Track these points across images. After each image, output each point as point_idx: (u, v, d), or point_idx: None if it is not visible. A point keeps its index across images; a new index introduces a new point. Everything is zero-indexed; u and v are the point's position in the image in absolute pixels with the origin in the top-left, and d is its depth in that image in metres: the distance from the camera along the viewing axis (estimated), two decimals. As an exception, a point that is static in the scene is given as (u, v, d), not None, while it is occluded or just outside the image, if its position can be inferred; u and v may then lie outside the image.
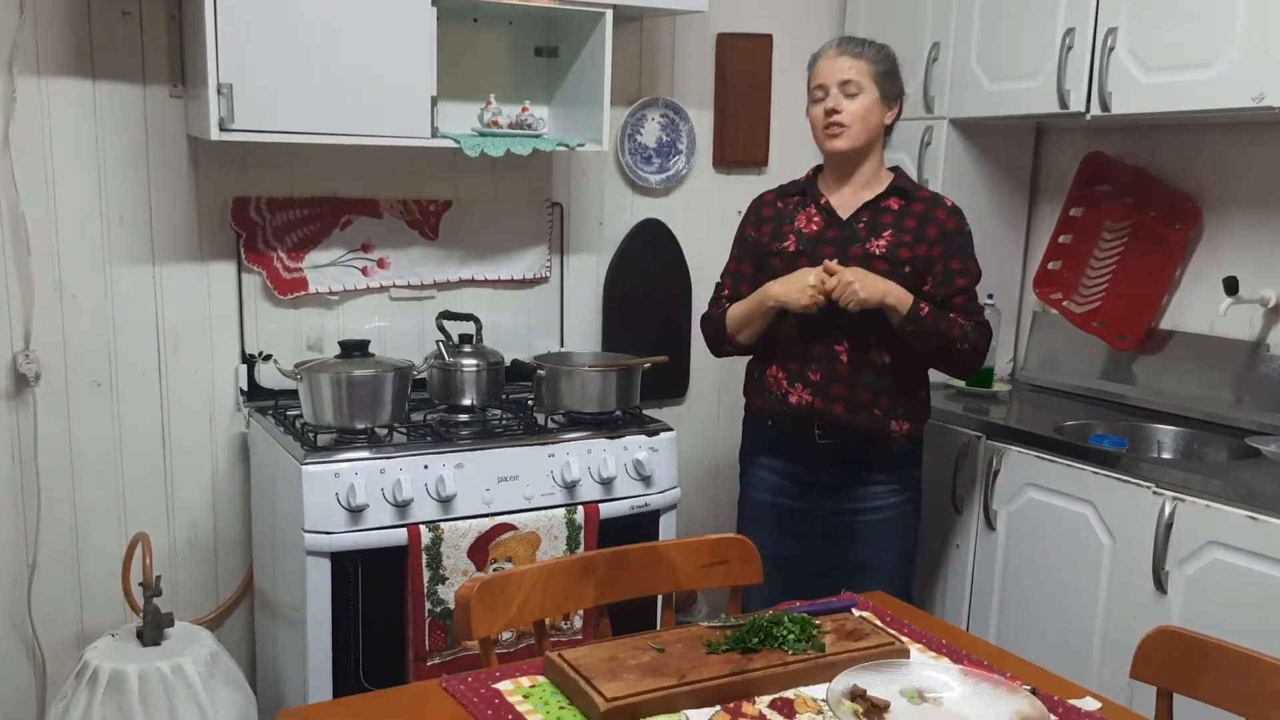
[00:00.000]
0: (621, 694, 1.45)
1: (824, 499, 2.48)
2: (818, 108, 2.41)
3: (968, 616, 2.82)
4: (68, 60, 2.53)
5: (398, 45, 2.51)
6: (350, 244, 2.87)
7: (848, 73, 2.37)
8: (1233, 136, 2.79)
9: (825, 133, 2.40)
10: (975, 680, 1.54)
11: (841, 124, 2.38)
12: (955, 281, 2.38)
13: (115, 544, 2.69)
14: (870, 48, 2.41)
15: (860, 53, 2.40)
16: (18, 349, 2.55)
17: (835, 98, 2.38)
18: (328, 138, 2.50)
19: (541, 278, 3.13)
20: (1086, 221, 3.11)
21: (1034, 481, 2.63)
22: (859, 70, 2.38)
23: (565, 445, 2.60)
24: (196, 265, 2.73)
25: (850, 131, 2.38)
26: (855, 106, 2.38)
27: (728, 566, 1.97)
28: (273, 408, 2.73)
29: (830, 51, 2.42)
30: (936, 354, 2.40)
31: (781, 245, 2.45)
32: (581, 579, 1.84)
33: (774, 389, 2.46)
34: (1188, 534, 2.29)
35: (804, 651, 1.58)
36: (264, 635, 2.81)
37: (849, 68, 2.38)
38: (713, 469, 3.44)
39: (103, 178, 2.60)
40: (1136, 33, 2.54)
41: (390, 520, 2.40)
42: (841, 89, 2.37)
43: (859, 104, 2.38)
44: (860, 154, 2.42)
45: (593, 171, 3.18)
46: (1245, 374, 2.73)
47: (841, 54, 2.40)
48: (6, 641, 2.63)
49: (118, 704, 2.35)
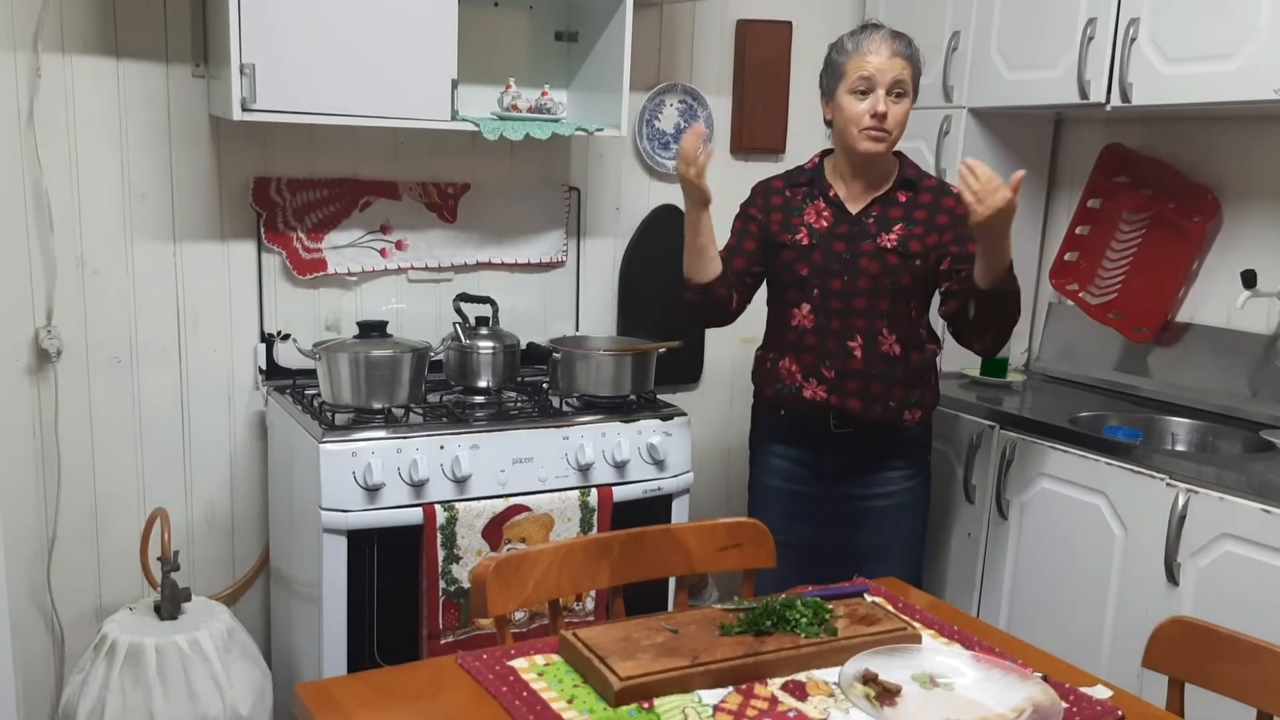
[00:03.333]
0: (635, 673, 1.46)
1: (836, 484, 2.49)
2: (862, 102, 2.30)
3: (978, 605, 2.83)
4: (92, 38, 2.55)
5: (419, 28, 2.52)
6: (369, 225, 2.88)
7: (900, 72, 2.28)
8: (1253, 129, 2.78)
9: (867, 133, 2.30)
10: (987, 666, 1.55)
11: (887, 130, 2.30)
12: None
13: (134, 519, 2.72)
14: (913, 47, 2.33)
15: (910, 54, 2.31)
16: (40, 324, 2.58)
17: (884, 99, 2.28)
18: (348, 119, 2.51)
19: (558, 261, 3.14)
20: (1104, 213, 3.10)
21: (1047, 472, 2.63)
22: (909, 72, 2.30)
23: (580, 428, 2.61)
24: (217, 244, 2.75)
25: (891, 137, 2.32)
26: (900, 111, 2.30)
27: (741, 550, 1.98)
28: (291, 387, 2.75)
29: (880, 44, 2.30)
30: (1004, 317, 2.27)
31: (794, 237, 2.42)
32: (597, 559, 1.86)
33: (787, 382, 2.46)
34: (1200, 526, 2.29)
35: (816, 635, 1.60)
36: (279, 611, 2.84)
37: (900, 68, 2.28)
38: (725, 454, 3.45)
39: (125, 155, 2.62)
40: (1159, 23, 2.53)
41: (406, 499, 2.42)
42: (890, 89, 2.29)
43: (903, 108, 2.31)
44: (887, 156, 2.39)
45: (610, 156, 3.18)
46: (1261, 368, 2.72)
47: (895, 53, 2.29)
48: (26, 614, 2.66)
49: (135, 676, 2.38)
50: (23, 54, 2.48)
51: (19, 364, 2.58)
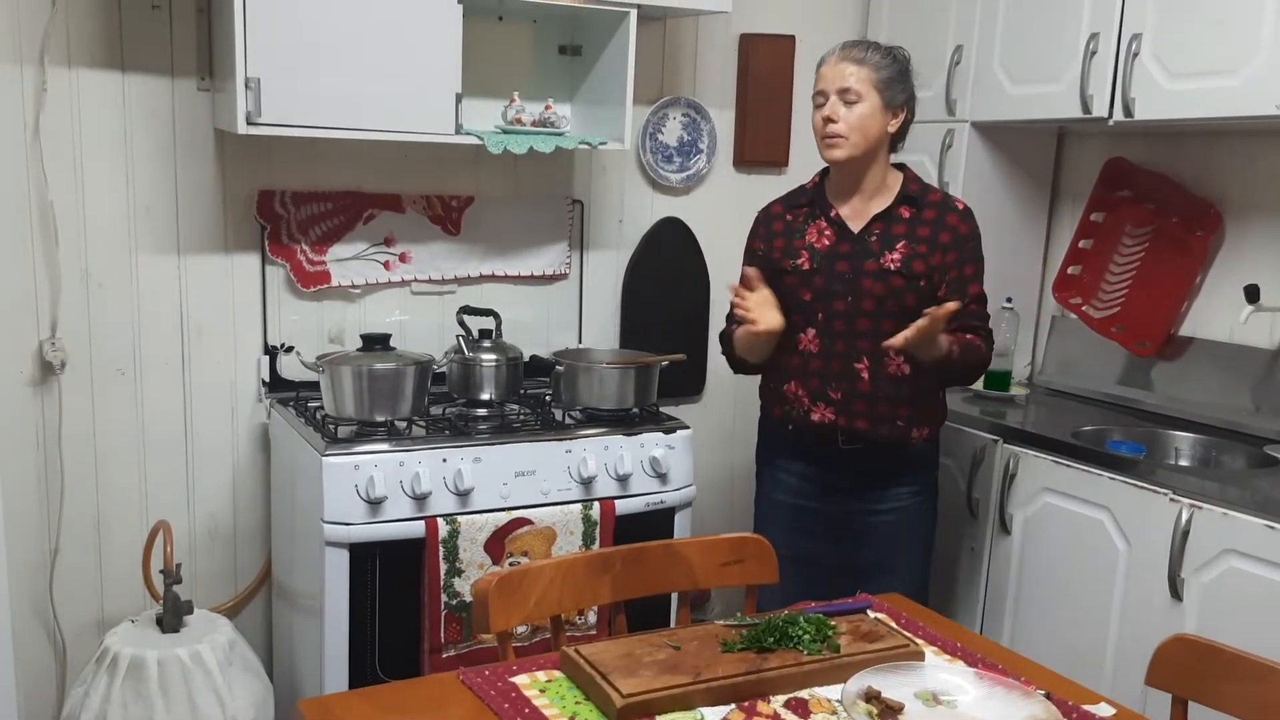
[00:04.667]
0: (637, 690, 1.46)
1: (843, 500, 2.48)
2: (817, 115, 2.36)
3: (982, 620, 2.82)
4: (98, 52, 2.56)
5: (423, 42, 2.53)
6: (373, 238, 2.89)
7: (847, 80, 2.31)
8: (1256, 143, 2.78)
9: (824, 142, 2.36)
10: (990, 684, 1.55)
11: (839, 134, 2.32)
12: (969, 289, 2.37)
13: (137, 531, 2.73)
14: (875, 53, 2.34)
15: (863, 59, 2.33)
16: (44, 337, 2.58)
17: (834, 106, 2.32)
18: (353, 133, 2.52)
19: (561, 274, 3.15)
20: (1107, 226, 3.10)
21: (1050, 486, 2.63)
22: (860, 77, 2.31)
23: (582, 441, 2.61)
24: (221, 256, 2.75)
25: (848, 141, 2.32)
26: (853, 116, 2.31)
27: (744, 565, 1.98)
28: (294, 399, 2.75)
29: (833, 57, 2.36)
30: (957, 381, 2.51)
31: (795, 263, 2.42)
32: (599, 575, 1.85)
33: (795, 405, 2.45)
34: (1204, 542, 2.29)
35: (819, 652, 1.59)
36: (281, 624, 2.83)
37: (850, 74, 2.32)
38: (728, 467, 3.45)
39: (130, 168, 2.63)
40: (1161, 39, 2.54)
41: (408, 513, 2.42)
42: (841, 96, 2.32)
43: (857, 113, 2.31)
44: (862, 163, 2.37)
45: (614, 169, 3.19)
46: (1265, 382, 2.72)
47: (843, 60, 2.33)
48: (28, 626, 2.66)
49: (137, 689, 2.38)
50: (29, 68, 2.49)
51: (23, 376, 2.58)
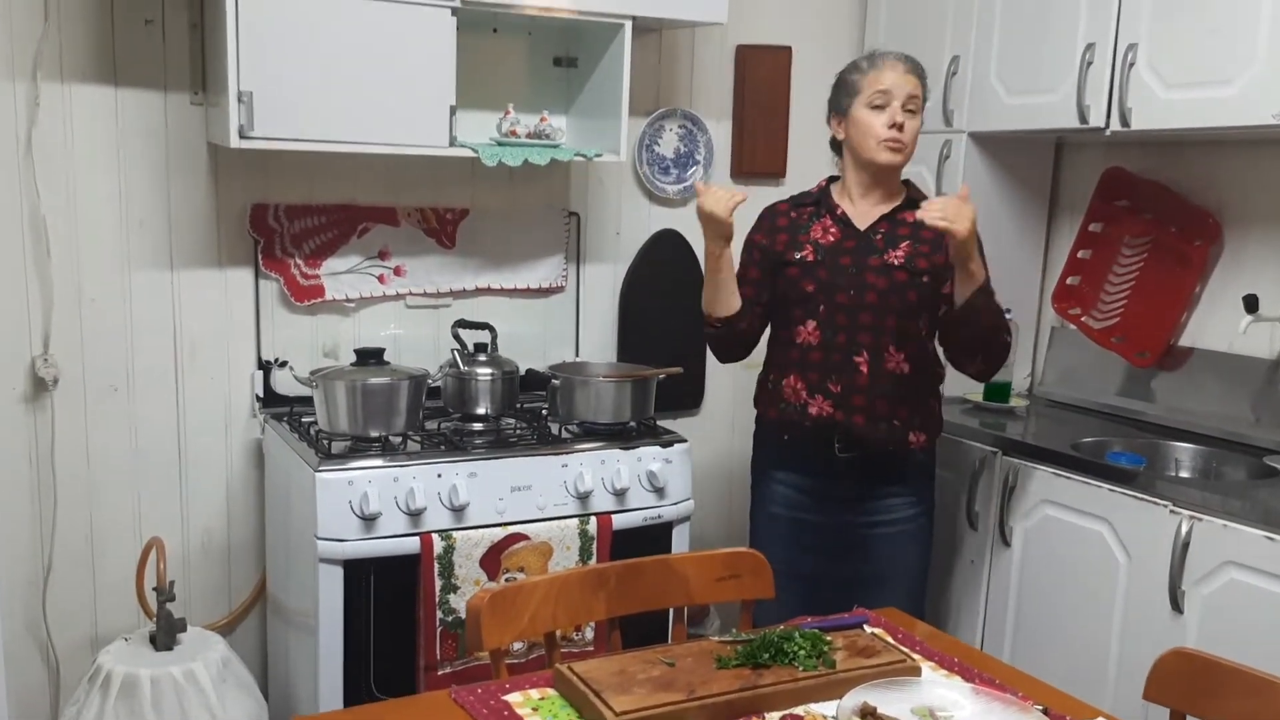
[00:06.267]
0: (631, 708, 1.44)
1: (840, 512, 2.47)
2: (880, 115, 2.36)
3: (982, 633, 2.80)
4: (90, 67, 2.55)
5: (417, 54, 2.52)
6: (367, 251, 2.88)
7: (914, 89, 2.38)
8: (1254, 153, 2.77)
9: (885, 144, 2.37)
10: (987, 699, 1.53)
11: (903, 141, 2.37)
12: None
13: (130, 548, 2.71)
14: (923, 70, 2.43)
15: (921, 74, 2.41)
16: (37, 353, 2.57)
17: (901, 113, 2.36)
18: (347, 146, 2.51)
19: (557, 287, 3.13)
20: (1106, 237, 3.09)
21: (1050, 498, 2.61)
22: (919, 89, 2.39)
23: (579, 455, 2.60)
24: (214, 271, 2.74)
25: (907, 150, 2.39)
26: (914, 127, 2.38)
27: (740, 580, 1.96)
28: (288, 414, 2.73)
29: (895, 63, 2.39)
30: (989, 335, 2.36)
31: (799, 255, 2.43)
32: (593, 591, 1.84)
33: (792, 400, 2.45)
34: (1205, 553, 2.27)
35: (815, 668, 1.58)
36: (276, 641, 2.81)
37: (914, 85, 2.38)
38: (726, 481, 3.43)
39: (123, 183, 2.62)
40: (1157, 49, 2.53)
41: (403, 528, 2.40)
42: (905, 104, 2.36)
43: (916, 124, 2.39)
44: (900, 172, 2.44)
45: (610, 181, 3.18)
46: (1265, 393, 2.71)
47: (909, 70, 2.39)
48: (21, 644, 2.64)
49: (130, 708, 2.36)
50: (21, 83, 2.48)
51: (15, 393, 2.57)
